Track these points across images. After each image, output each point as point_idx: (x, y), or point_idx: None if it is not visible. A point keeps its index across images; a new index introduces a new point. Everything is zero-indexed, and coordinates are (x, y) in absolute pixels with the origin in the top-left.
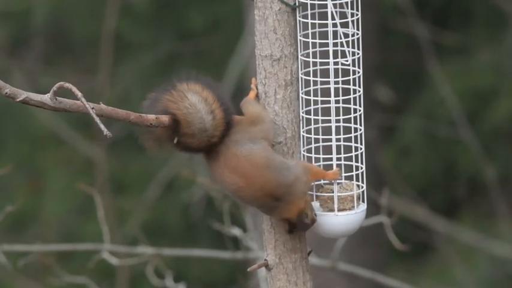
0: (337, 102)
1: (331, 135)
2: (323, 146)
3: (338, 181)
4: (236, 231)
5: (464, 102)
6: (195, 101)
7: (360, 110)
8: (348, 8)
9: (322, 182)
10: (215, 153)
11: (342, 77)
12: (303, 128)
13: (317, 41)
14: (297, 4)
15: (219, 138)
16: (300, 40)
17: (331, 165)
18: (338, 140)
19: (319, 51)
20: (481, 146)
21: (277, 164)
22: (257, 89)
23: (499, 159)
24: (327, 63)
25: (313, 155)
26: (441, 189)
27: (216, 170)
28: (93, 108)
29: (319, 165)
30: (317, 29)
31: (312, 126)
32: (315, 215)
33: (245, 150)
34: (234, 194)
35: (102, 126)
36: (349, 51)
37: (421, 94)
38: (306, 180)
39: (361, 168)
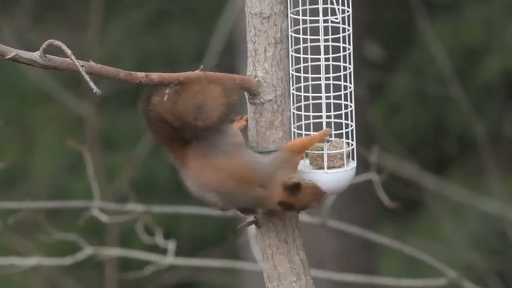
0: (327, 60)
1: (321, 93)
2: (313, 103)
3: (328, 139)
4: None
5: (454, 59)
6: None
7: (349, 68)
8: None
9: None
10: (186, 160)
11: (332, 34)
12: (292, 85)
13: None
14: None
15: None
16: None
17: (321, 123)
18: (328, 97)
19: (309, 8)
20: (471, 103)
21: (253, 154)
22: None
23: (489, 116)
24: (317, 21)
25: (303, 113)
26: (431, 146)
27: (192, 174)
28: (82, 66)
29: (309, 123)
30: None
31: (302, 84)
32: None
33: (221, 148)
34: (216, 192)
35: (91, 84)
36: (339, 8)
37: (411, 51)
38: (291, 162)
39: (351, 126)
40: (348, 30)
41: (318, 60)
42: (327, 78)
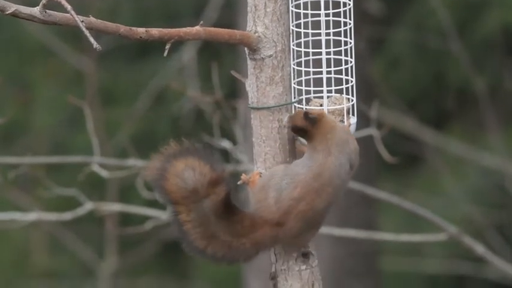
0: (327, 15)
1: (321, 48)
2: (313, 59)
3: (328, 95)
4: (226, 143)
5: (454, 14)
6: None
7: (350, 23)
8: None
9: (311, 95)
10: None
11: None
12: (293, 41)
13: None
14: None
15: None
16: None
17: (321, 78)
18: (328, 53)
19: None
20: (471, 57)
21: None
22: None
23: (489, 70)
24: None
25: (303, 69)
26: (431, 100)
27: (286, 233)
28: (82, 21)
29: (309, 79)
30: None
31: (302, 40)
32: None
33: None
34: (312, 214)
35: (91, 40)
36: None
37: (411, 5)
38: None
39: (351, 81)
40: None
41: (318, 15)
42: (327, 34)
